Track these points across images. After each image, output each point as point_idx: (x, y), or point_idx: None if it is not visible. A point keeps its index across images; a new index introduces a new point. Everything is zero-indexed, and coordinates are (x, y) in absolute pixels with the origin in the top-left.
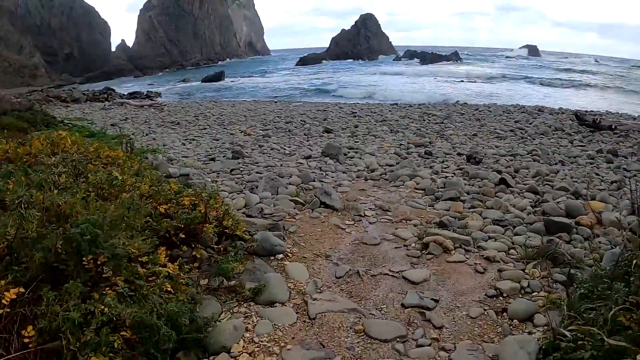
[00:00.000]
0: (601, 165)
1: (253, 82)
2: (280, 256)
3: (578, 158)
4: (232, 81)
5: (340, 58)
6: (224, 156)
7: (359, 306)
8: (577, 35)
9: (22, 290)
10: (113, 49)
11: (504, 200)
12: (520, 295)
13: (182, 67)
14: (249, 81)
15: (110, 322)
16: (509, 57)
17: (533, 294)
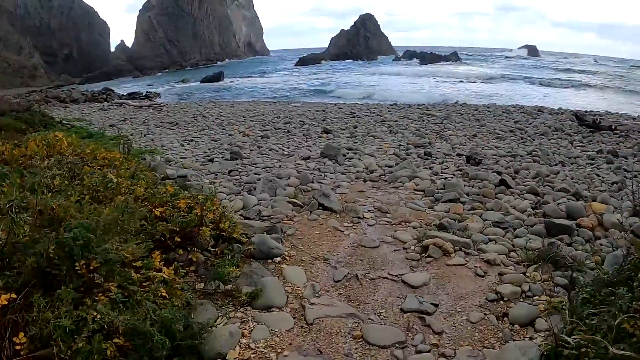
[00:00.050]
0: (601, 166)
1: (252, 82)
2: (278, 259)
3: (578, 159)
4: (231, 81)
5: (340, 58)
6: (222, 157)
7: (358, 311)
8: (576, 36)
9: (14, 296)
10: (112, 50)
11: (504, 201)
12: (521, 300)
13: (182, 68)
14: (248, 81)
15: (103, 329)
16: (508, 57)
17: (534, 298)
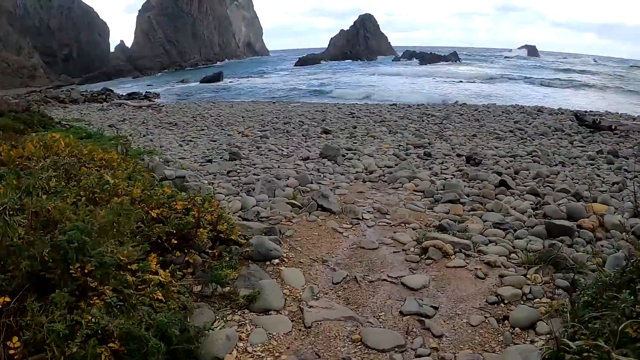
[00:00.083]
0: (602, 166)
1: (251, 82)
2: (276, 261)
3: (578, 159)
4: (230, 82)
5: (339, 58)
6: (221, 158)
7: (356, 314)
8: (575, 36)
9: (8, 299)
10: (112, 50)
11: (505, 202)
12: (522, 302)
13: (181, 68)
14: (247, 82)
15: (97, 333)
16: (507, 58)
17: (535, 301)
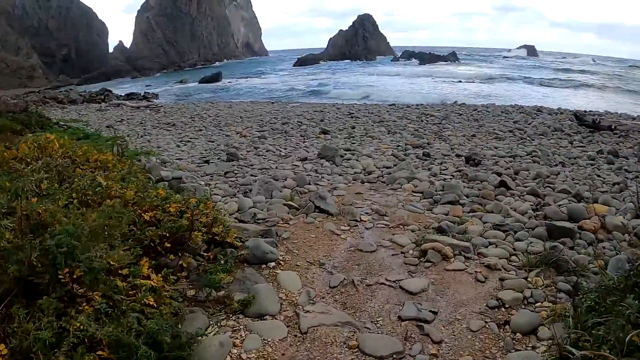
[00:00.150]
0: (602, 166)
1: (250, 83)
2: (272, 264)
3: (578, 159)
4: (229, 82)
5: (338, 59)
6: (218, 158)
7: (354, 319)
8: (575, 36)
9: None
10: (111, 50)
11: (504, 203)
12: (523, 306)
13: (180, 68)
14: (246, 82)
15: (86, 340)
16: (506, 58)
17: (536, 305)
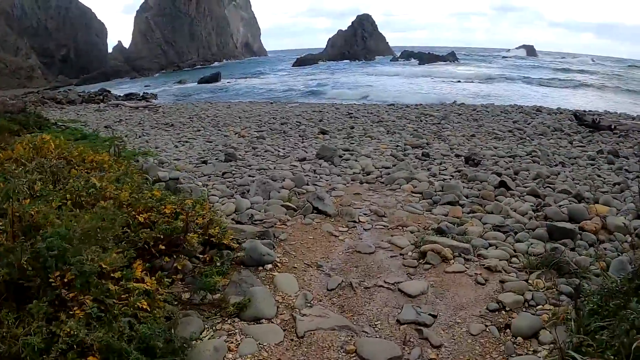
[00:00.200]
0: (602, 166)
1: (249, 83)
2: (269, 266)
3: (578, 159)
4: (228, 82)
5: (337, 59)
6: (216, 159)
7: (352, 322)
8: (573, 36)
9: None
10: (110, 50)
11: (504, 204)
12: (524, 309)
13: (179, 69)
14: (245, 82)
15: (75, 346)
16: (505, 57)
17: (537, 308)
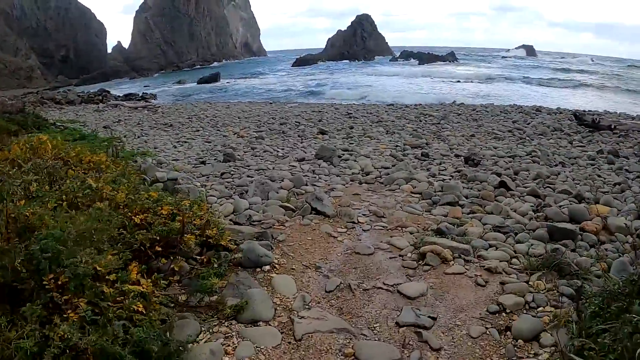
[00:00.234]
0: (602, 166)
1: (249, 83)
2: (267, 268)
3: (578, 159)
4: (227, 82)
5: (337, 59)
6: (215, 159)
7: (350, 325)
8: (573, 36)
9: None
10: (109, 51)
11: (504, 204)
12: (524, 311)
13: (178, 69)
14: (244, 82)
15: (70, 349)
16: (505, 57)
17: (538, 310)
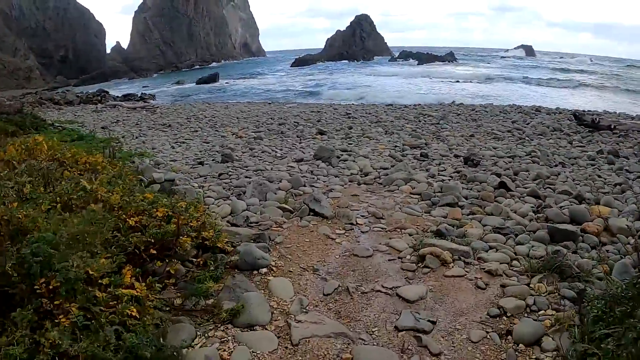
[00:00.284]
0: (602, 166)
1: (248, 83)
2: (264, 270)
3: (578, 159)
4: (226, 83)
5: (336, 59)
6: (213, 160)
7: (348, 329)
8: (572, 36)
9: None
10: (108, 51)
11: (504, 205)
12: (525, 315)
13: (177, 69)
14: (243, 83)
15: (60, 356)
16: (504, 57)
17: (540, 313)
